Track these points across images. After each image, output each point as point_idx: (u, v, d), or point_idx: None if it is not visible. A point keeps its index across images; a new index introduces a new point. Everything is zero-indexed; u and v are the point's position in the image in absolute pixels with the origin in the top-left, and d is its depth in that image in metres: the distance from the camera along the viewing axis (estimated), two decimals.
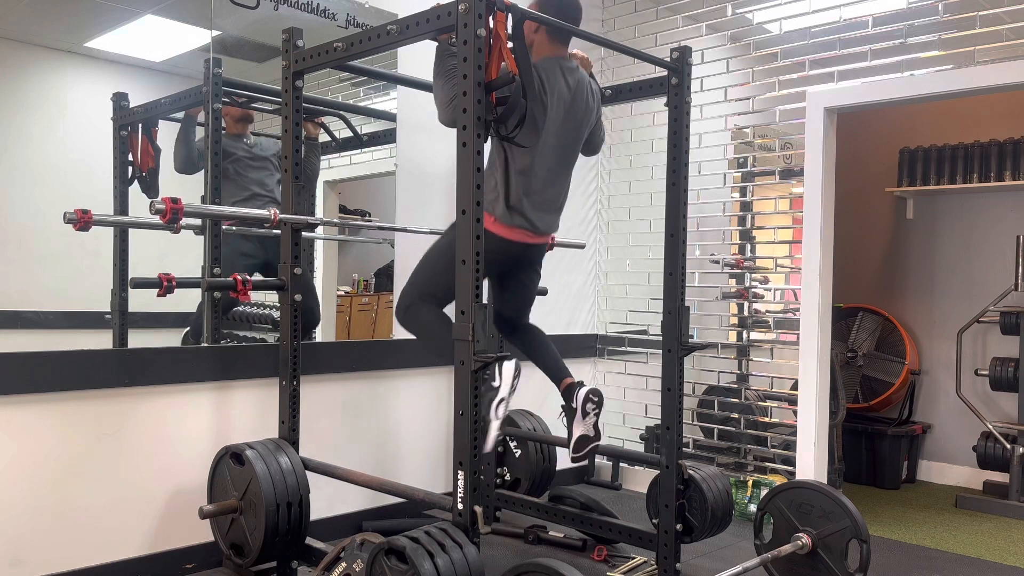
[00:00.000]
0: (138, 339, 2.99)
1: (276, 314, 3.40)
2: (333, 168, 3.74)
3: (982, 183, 4.60)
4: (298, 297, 2.83)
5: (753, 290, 4.13)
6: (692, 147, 3.47)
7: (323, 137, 3.64)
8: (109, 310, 2.99)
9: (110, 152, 3.02)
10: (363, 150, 3.80)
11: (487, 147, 2.33)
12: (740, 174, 4.16)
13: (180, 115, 3.18)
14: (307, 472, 2.78)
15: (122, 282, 3.00)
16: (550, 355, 3.01)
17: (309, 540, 2.77)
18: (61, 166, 2.86)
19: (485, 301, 2.44)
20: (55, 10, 2.86)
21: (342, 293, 3.83)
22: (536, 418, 3.88)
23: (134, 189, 3.07)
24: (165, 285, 2.71)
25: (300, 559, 2.80)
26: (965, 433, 4.78)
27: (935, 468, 4.91)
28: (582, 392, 2.79)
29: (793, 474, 3.83)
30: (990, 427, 4.39)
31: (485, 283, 2.69)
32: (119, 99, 3.00)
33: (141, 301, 2.96)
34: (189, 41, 3.15)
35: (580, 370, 4.63)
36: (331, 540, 3.00)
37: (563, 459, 4.03)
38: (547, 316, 4.39)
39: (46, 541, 2.67)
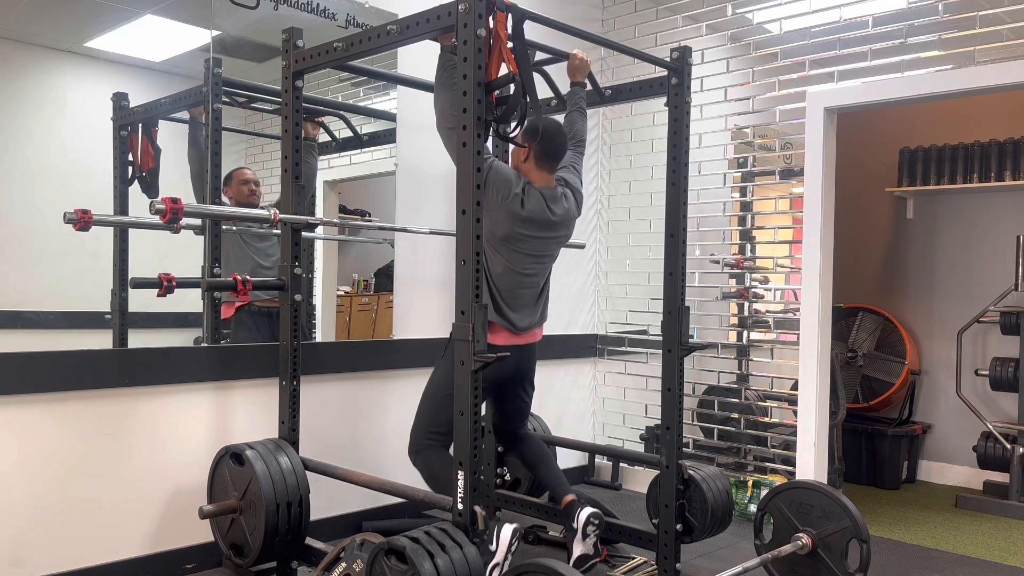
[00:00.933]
0: (138, 339, 2.99)
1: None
2: (333, 168, 3.74)
3: (982, 183, 4.60)
4: (298, 297, 2.83)
5: (753, 290, 4.13)
6: (692, 147, 3.47)
7: (323, 137, 3.64)
8: (109, 310, 2.99)
9: (110, 152, 3.02)
10: (363, 150, 3.80)
11: (488, 145, 2.34)
12: (740, 174, 4.16)
13: (181, 115, 3.18)
14: (307, 472, 2.78)
15: (122, 282, 3.00)
16: (551, 469, 3.09)
17: (309, 540, 2.77)
18: (61, 166, 2.86)
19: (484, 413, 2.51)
20: (55, 10, 2.86)
21: (342, 293, 3.83)
22: (536, 418, 3.88)
23: (134, 189, 3.07)
24: (165, 285, 2.70)
25: (300, 559, 2.80)
26: (965, 433, 4.78)
27: (935, 468, 4.91)
28: (583, 514, 2.82)
29: (793, 474, 3.83)
30: (990, 427, 4.39)
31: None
32: (119, 99, 3.00)
33: (141, 301, 2.96)
34: (189, 41, 3.15)
35: (580, 370, 4.63)
36: (331, 540, 2.99)
37: (563, 459, 4.04)
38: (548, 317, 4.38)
39: (46, 541, 2.67)
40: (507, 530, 2.44)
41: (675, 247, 2.95)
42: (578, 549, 2.81)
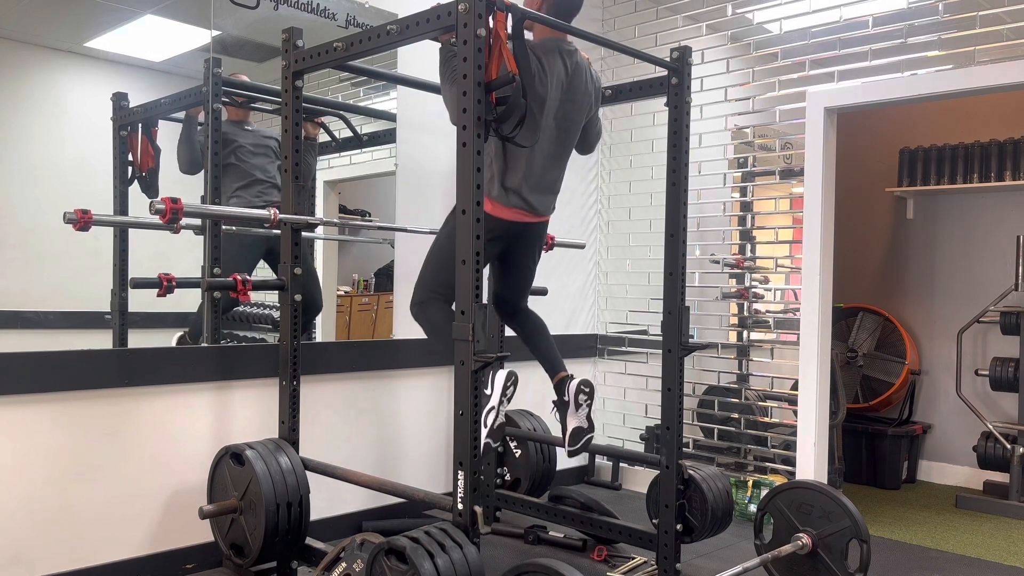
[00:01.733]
0: (138, 339, 2.99)
1: (276, 314, 3.40)
2: (333, 168, 3.75)
3: (982, 183, 4.60)
4: (298, 297, 2.83)
5: (753, 290, 4.13)
6: (692, 147, 3.47)
7: (323, 137, 3.64)
8: (109, 310, 2.99)
9: (110, 152, 3.02)
10: (363, 150, 3.80)
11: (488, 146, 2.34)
12: (740, 174, 4.16)
13: (180, 115, 3.18)
14: (307, 472, 2.78)
15: (122, 282, 3.00)
16: (548, 345, 3.03)
17: (309, 540, 2.77)
18: (61, 166, 2.86)
19: (485, 300, 2.45)
20: (55, 10, 2.86)
21: (342, 293, 3.83)
22: (536, 418, 3.88)
23: (134, 189, 3.07)
24: (165, 285, 2.71)
25: (300, 559, 2.80)
26: (965, 433, 4.78)
27: (935, 468, 4.91)
28: (573, 384, 2.81)
29: (793, 474, 3.83)
30: (990, 427, 4.39)
31: (486, 273, 2.69)
32: (119, 99, 3.00)
33: (141, 301, 2.97)
34: (189, 41, 3.15)
35: (580, 370, 4.63)
36: (331, 540, 2.99)
37: (563, 459, 4.04)
38: (547, 316, 4.37)
39: (46, 540, 2.67)
40: (501, 375, 2.43)
41: (675, 247, 2.95)
42: (572, 422, 2.81)
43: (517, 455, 3.78)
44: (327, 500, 3.38)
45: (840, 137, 3.97)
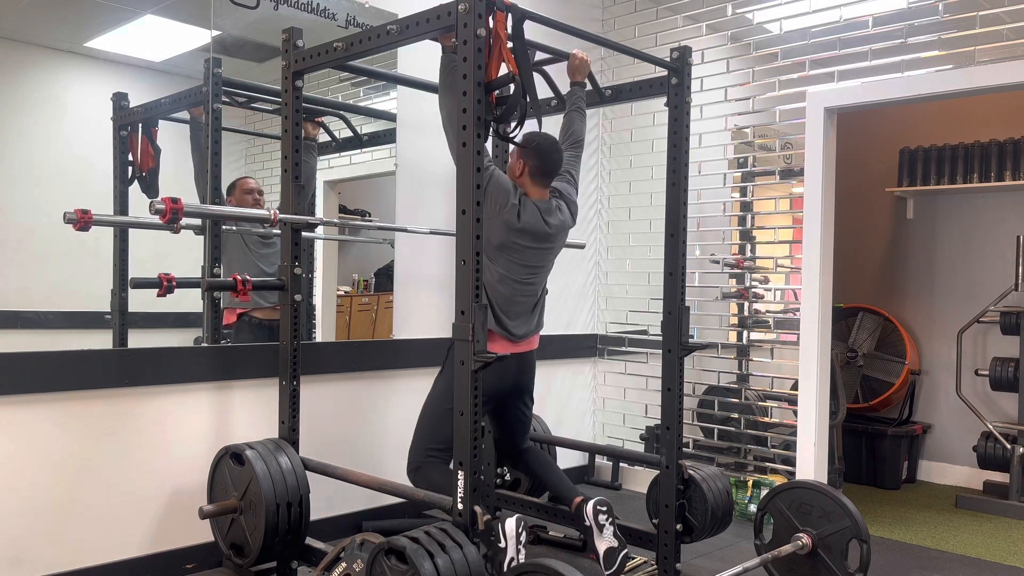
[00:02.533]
0: (138, 339, 2.99)
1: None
2: (333, 168, 3.75)
3: (982, 183, 4.60)
4: (298, 297, 2.83)
5: (753, 290, 4.13)
6: (692, 147, 3.47)
7: (323, 137, 3.64)
8: (109, 310, 2.99)
9: (110, 152, 3.02)
10: (363, 150, 3.80)
11: (488, 147, 2.34)
12: (740, 174, 4.16)
13: (181, 115, 3.18)
14: (307, 472, 2.78)
15: (122, 282, 3.00)
16: (557, 477, 3.07)
17: (309, 540, 2.77)
18: (61, 166, 2.86)
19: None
20: (55, 10, 2.86)
21: (342, 293, 3.83)
22: (536, 419, 3.88)
23: (134, 189, 3.07)
24: (165, 285, 2.70)
25: (300, 559, 2.80)
26: (965, 433, 4.78)
27: (935, 468, 4.91)
28: (590, 507, 2.79)
29: (793, 474, 3.83)
30: (990, 427, 4.39)
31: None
32: (119, 99, 3.00)
33: (141, 301, 2.96)
34: (189, 41, 3.15)
35: (580, 370, 4.63)
36: (331, 540, 2.99)
37: (563, 459, 4.04)
38: (547, 316, 4.38)
39: (46, 541, 2.67)
40: (511, 524, 2.43)
41: (675, 247, 2.95)
42: (601, 545, 2.78)
43: None
44: (327, 500, 3.38)
45: (840, 137, 3.97)
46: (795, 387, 3.87)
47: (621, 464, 4.44)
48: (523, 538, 2.46)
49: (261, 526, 2.62)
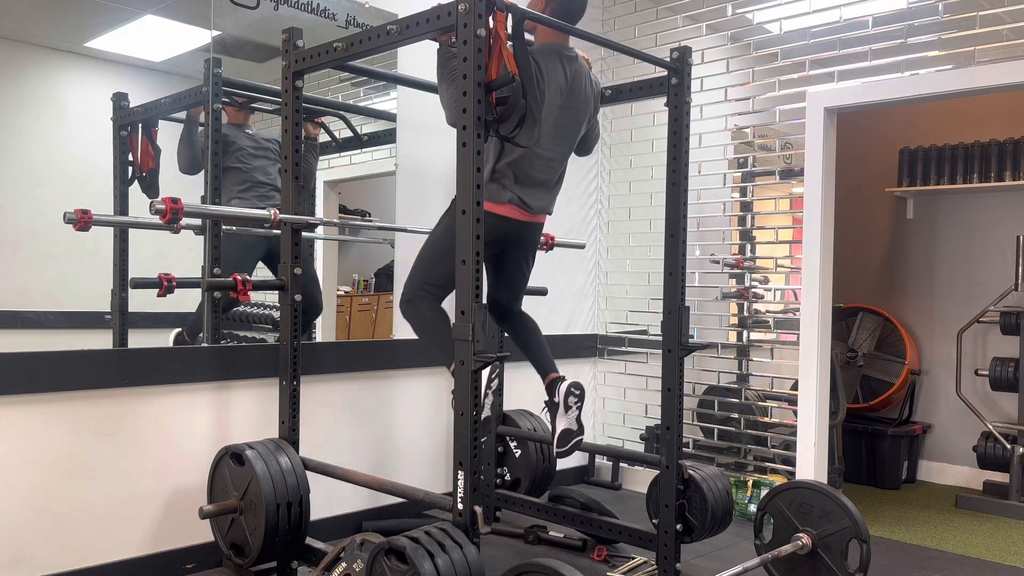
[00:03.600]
0: (138, 339, 2.99)
1: (276, 314, 3.40)
2: (333, 168, 3.75)
3: (982, 183, 4.60)
4: (298, 297, 2.83)
5: (753, 290, 4.13)
6: (692, 147, 3.47)
7: (323, 137, 3.64)
8: (109, 310, 2.99)
9: (110, 152, 3.02)
10: (363, 150, 3.80)
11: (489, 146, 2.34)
12: (740, 174, 4.16)
13: (181, 115, 3.19)
14: (307, 472, 2.79)
15: (122, 282, 3.00)
16: (540, 347, 3.03)
17: (309, 540, 2.77)
18: (61, 166, 2.86)
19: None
20: (55, 10, 2.86)
21: (342, 293, 3.83)
22: (536, 418, 3.88)
23: (134, 189, 3.07)
24: (165, 285, 2.71)
25: (300, 559, 2.80)
26: (965, 433, 4.78)
27: (935, 468, 4.91)
28: (563, 386, 2.80)
29: (793, 474, 3.83)
30: (990, 427, 4.39)
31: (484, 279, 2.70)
32: (119, 99, 3.00)
33: (141, 301, 2.97)
34: (189, 41, 3.15)
35: (580, 370, 4.63)
36: (331, 540, 2.99)
37: (570, 459, 4.04)
38: (548, 316, 4.39)
39: (46, 541, 2.67)
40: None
41: (675, 247, 2.95)
42: (561, 424, 2.80)
43: (517, 455, 3.78)
44: (327, 500, 3.38)
45: (840, 137, 3.97)
46: (795, 387, 3.87)
47: (621, 464, 4.44)
48: (494, 383, 2.53)
49: (261, 526, 2.63)
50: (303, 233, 2.88)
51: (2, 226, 2.73)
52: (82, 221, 2.43)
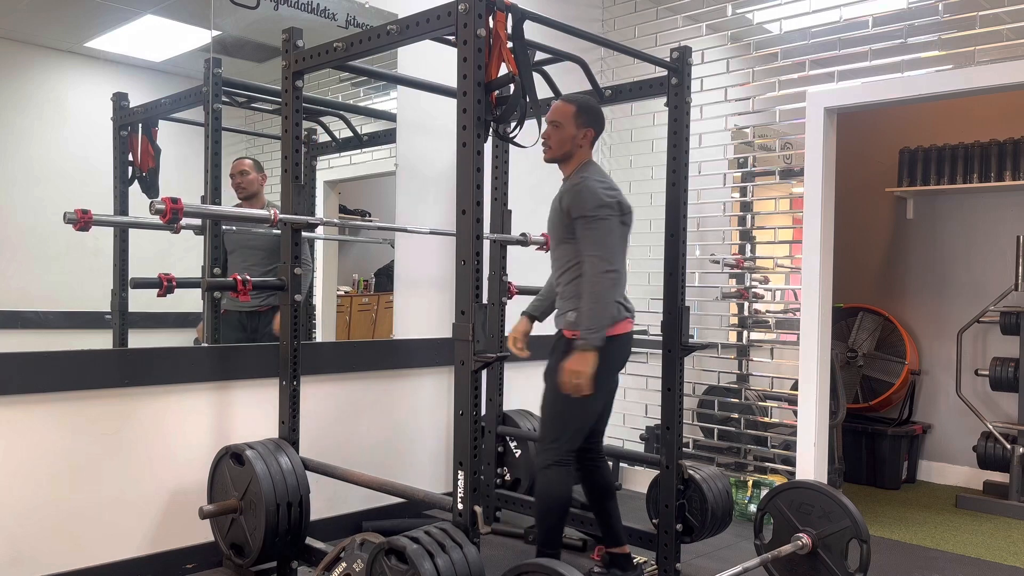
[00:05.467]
0: (138, 339, 2.99)
1: None
2: (333, 168, 3.75)
3: (982, 183, 4.60)
4: (298, 297, 2.84)
5: (753, 290, 4.13)
6: (692, 147, 3.47)
7: (323, 136, 3.64)
8: (109, 310, 2.99)
9: (110, 152, 3.02)
10: (363, 150, 3.80)
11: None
12: (740, 174, 4.16)
13: (181, 115, 3.18)
14: (307, 472, 2.79)
15: (122, 282, 3.00)
16: (616, 508, 2.96)
17: (309, 540, 2.77)
18: (61, 166, 2.86)
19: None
20: (55, 10, 2.86)
21: (342, 293, 3.84)
22: (537, 418, 3.88)
23: (134, 189, 3.07)
24: (165, 285, 2.71)
25: (300, 559, 2.80)
26: (965, 433, 4.78)
27: (935, 468, 4.91)
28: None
29: (793, 474, 3.82)
30: (990, 427, 4.39)
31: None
32: (119, 99, 3.00)
33: (141, 301, 2.97)
34: (189, 41, 3.15)
35: None
36: (331, 540, 3.00)
37: None
38: (549, 317, 4.38)
39: (46, 541, 2.67)
40: None
41: (675, 247, 2.95)
42: None
43: (517, 455, 3.78)
44: (327, 500, 3.38)
45: (840, 137, 3.97)
46: (795, 387, 3.87)
47: (621, 464, 4.44)
48: None
49: (261, 526, 2.63)
50: (303, 233, 2.88)
51: (2, 226, 2.73)
52: (82, 221, 2.43)
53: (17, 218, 2.76)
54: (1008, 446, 4.29)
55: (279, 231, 2.97)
